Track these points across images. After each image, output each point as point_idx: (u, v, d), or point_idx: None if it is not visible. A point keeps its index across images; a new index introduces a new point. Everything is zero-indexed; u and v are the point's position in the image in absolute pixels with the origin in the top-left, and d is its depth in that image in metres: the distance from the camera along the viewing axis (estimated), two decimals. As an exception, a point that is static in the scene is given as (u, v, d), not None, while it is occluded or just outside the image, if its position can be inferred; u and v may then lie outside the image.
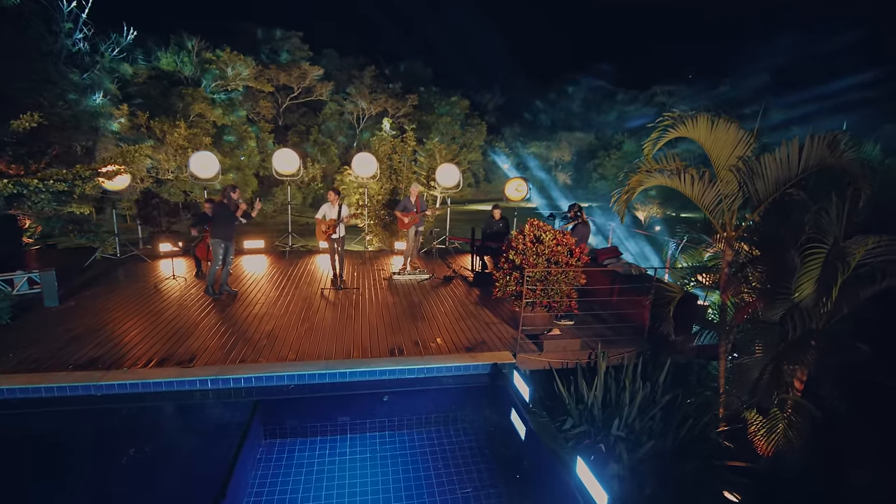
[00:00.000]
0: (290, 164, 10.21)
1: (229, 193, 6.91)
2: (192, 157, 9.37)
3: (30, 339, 5.48)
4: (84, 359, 5.06)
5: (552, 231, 5.80)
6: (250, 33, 30.63)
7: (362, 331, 6.16)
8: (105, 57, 10.79)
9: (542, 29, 66.07)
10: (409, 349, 5.66)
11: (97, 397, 4.61)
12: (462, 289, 8.37)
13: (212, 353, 5.34)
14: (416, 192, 8.78)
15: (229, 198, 6.91)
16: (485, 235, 9.18)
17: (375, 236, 11.61)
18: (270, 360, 5.18)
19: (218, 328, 6.06)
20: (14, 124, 5.54)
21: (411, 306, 7.26)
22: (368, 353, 5.50)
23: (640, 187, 5.31)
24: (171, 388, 4.71)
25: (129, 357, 5.15)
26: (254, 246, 10.71)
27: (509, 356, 5.56)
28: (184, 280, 8.08)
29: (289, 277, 8.64)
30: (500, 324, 6.62)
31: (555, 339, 5.85)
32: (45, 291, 6.46)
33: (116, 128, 11.42)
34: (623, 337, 6.07)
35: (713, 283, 5.99)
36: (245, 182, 23.67)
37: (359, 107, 32.89)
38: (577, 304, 5.96)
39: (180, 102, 20.04)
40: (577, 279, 5.82)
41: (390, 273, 9.07)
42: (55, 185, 5.38)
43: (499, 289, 5.97)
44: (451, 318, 6.79)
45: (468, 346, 5.80)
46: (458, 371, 5.32)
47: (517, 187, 10.41)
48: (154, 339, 5.66)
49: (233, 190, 6.95)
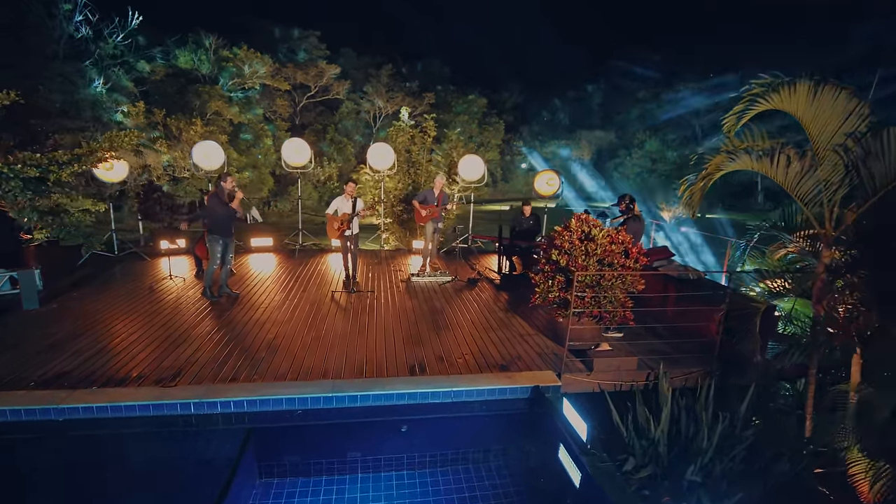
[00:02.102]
0: (301, 155, 9.43)
1: (221, 182, 6.10)
2: (194, 147, 8.66)
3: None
4: (51, 373, 4.29)
5: (604, 227, 4.83)
6: (268, 32, 30.34)
7: (377, 342, 5.28)
8: (109, 43, 10.17)
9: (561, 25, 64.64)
10: (431, 366, 4.76)
11: (58, 423, 3.81)
12: (488, 293, 7.44)
13: (200, 367, 4.52)
14: (441, 184, 7.89)
15: (221, 187, 6.11)
16: (513, 234, 8.24)
17: (392, 234, 10.76)
18: (267, 379, 4.33)
19: (212, 336, 5.25)
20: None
21: (433, 313, 6.36)
22: (384, 371, 4.61)
23: (718, 172, 4.32)
24: (146, 413, 3.89)
25: (102, 372, 4.36)
26: (261, 244, 9.96)
27: (553, 377, 4.62)
28: (182, 280, 7.33)
29: (297, 278, 7.83)
30: (536, 335, 5.67)
31: (606, 356, 4.88)
32: (24, 292, 5.76)
33: (121, 118, 10.85)
34: (686, 355, 5.07)
35: (789, 291, 4.94)
36: (261, 180, 23.28)
37: (375, 105, 32.54)
38: (631, 314, 4.98)
39: (197, 100, 19.75)
40: (634, 285, 4.84)
41: (408, 274, 8.19)
42: (25, 171, 4.67)
43: (539, 295, 5.02)
44: (479, 327, 5.87)
45: (502, 364, 4.87)
46: (491, 395, 4.39)
47: (548, 181, 9.44)
48: (137, 348, 4.88)
49: (223, 179, 6.12)
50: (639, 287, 4.90)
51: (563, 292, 4.91)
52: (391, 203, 10.57)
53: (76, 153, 5.34)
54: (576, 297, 4.45)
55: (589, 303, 4.74)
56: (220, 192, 6.06)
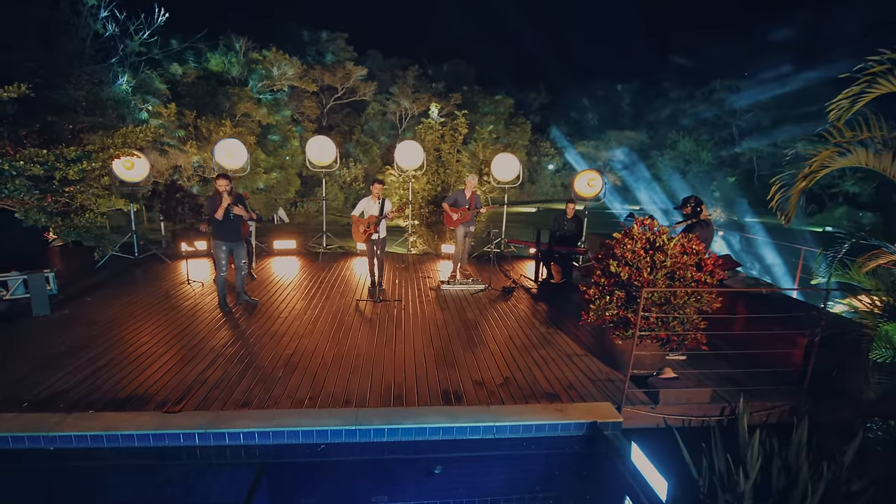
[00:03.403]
0: (325, 154, 8.98)
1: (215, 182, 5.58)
2: (217, 145, 8.30)
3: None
4: (47, 392, 3.87)
5: (673, 235, 4.11)
6: (297, 35, 30.53)
7: (406, 362, 4.69)
8: (135, 40, 9.99)
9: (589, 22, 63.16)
10: (468, 393, 4.14)
11: (48, 453, 3.37)
12: (525, 303, 6.77)
13: (210, 387, 4.03)
14: (472, 185, 7.28)
15: (215, 188, 5.53)
16: (553, 238, 7.55)
17: (419, 237, 10.20)
18: (283, 405, 3.79)
19: (224, 351, 4.77)
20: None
21: (466, 327, 5.74)
22: (414, 397, 4.01)
23: (821, 171, 3.56)
24: (145, 444, 3.41)
25: (104, 391, 3.92)
26: (284, 246, 9.55)
27: (611, 410, 3.93)
28: (200, 285, 6.93)
29: (319, 284, 7.34)
30: (585, 356, 4.98)
31: (672, 385, 4.15)
32: (34, 298, 5.42)
33: (146, 116, 10.69)
34: (766, 386, 4.28)
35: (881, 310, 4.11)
36: (288, 181, 23.31)
37: (401, 106, 32.44)
38: (704, 337, 4.23)
39: (227, 102, 19.95)
40: (710, 303, 4.10)
41: (438, 282, 7.60)
42: (29, 168, 4.31)
43: (593, 312, 4.33)
44: (520, 345, 5.22)
45: (549, 392, 4.21)
46: (540, 431, 3.73)
47: (590, 181, 8.70)
48: (144, 364, 4.43)
49: (217, 178, 5.47)
50: (714, 305, 4.16)
51: (622, 310, 4.21)
52: (418, 204, 10.03)
53: (87, 149, 4.97)
54: (642, 317, 3.74)
55: (655, 323, 4.03)
56: (217, 193, 5.56)
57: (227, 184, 5.45)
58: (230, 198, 5.46)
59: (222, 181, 5.42)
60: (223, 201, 5.40)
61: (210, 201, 5.49)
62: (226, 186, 5.44)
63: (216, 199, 5.44)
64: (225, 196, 5.41)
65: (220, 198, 5.44)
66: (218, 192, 5.46)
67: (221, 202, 5.41)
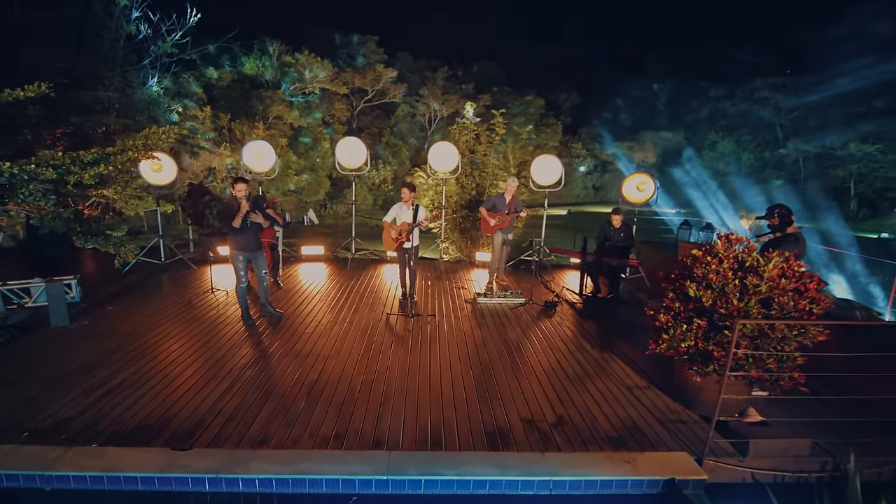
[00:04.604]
0: (356, 157, 8.56)
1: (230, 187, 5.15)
2: (245, 147, 8.00)
3: (1, 380, 4.07)
4: (51, 419, 3.51)
5: (766, 253, 3.40)
6: (328, 38, 30.71)
7: (443, 391, 4.15)
8: (167, 41, 9.88)
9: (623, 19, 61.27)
10: (517, 434, 3.55)
11: (45, 494, 2.98)
12: (571, 321, 6.13)
13: (225, 418, 3.59)
14: (513, 189, 6.70)
15: (231, 193, 5.13)
16: (602, 248, 6.87)
17: (452, 244, 9.66)
18: (305, 444, 3.30)
19: (243, 373, 4.34)
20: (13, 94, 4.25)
21: (508, 348, 5.15)
22: (454, 438, 3.46)
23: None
24: (150, 488, 2.98)
25: (111, 418, 3.54)
26: (312, 252, 9.19)
27: (690, 463, 3.27)
28: (224, 294, 6.60)
29: (348, 295, 6.89)
30: (648, 389, 4.31)
31: (763, 432, 3.45)
32: (52, 307, 5.16)
33: (176, 118, 10.60)
34: (876, 438, 3.52)
35: None
36: (318, 183, 23.34)
37: (431, 108, 32.24)
38: (803, 376, 3.51)
39: (260, 105, 20.15)
40: (815, 336, 3.38)
41: (474, 294, 7.03)
42: (41, 172, 4.01)
43: (665, 343, 3.67)
44: (572, 374, 4.59)
45: (612, 435, 3.58)
46: (606, 488, 3.12)
47: (639, 185, 7.96)
48: (157, 387, 4.04)
49: (234, 182, 5.05)
50: (819, 339, 3.43)
51: (701, 341, 3.54)
52: (451, 208, 9.50)
53: (107, 151, 4.66)
54: (733, 353, 3.07)
55: (746, 359, 3.34)
56: (234, 200, 5.13)
57: (245, 188, 5.04)
58: (248, 203, 5.05)
59: (240, 186, 5.01)
60: (241, 208, 5.00)
61: (226, 207, 5.09)
62: (244, 191, 5.04)
63: (233, 205, 5.04)
64: (243, 202, 5.01)
65: (238, 203, 5.05)
66: (235, 198, 5.06)
67: (239, 208, 5.01)
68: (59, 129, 7.01)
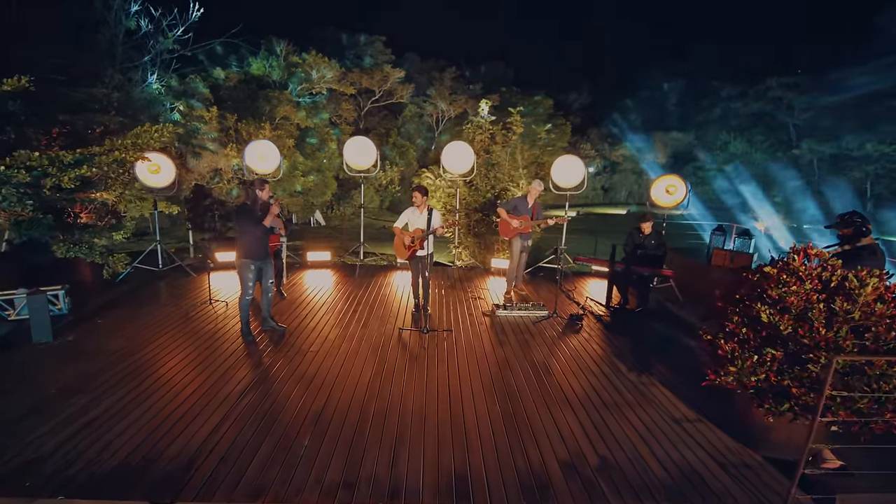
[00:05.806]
0: (364, 157, 8.08)
1: (255, 191, 4.77)
2: (247, 147, 7.54)
3: (-31, 408, 3.62)
4: (18, 460, 3.04)
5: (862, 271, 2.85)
6: (335, 39, 30.42)
7: (467, 425, 3.63)
8: (168, 37, 9.46)
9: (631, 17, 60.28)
10: (556, 482, 3.03)
11: (-1, 558, 2.51)
12: (600, 337, 5.60)
13: (217, 459, 3.10)
14: (537, 192, 6.20)
15: (254, 197, 4.77)
16: (631, 257, 6.34)
17: (465, 249, 9.15)
18: (307, 498, 2.80)
19: (240, 402, 3.86)
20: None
21: (535, 371, 4.63)
22: (483, 490, 2.95)
23: None
24: (123, 553, 2.50)
25: (85, 459, 3.06)
26: (318, 258, 8.72)
27: (768, 523, 2.73)
28: (224, 306, 6.13)
29: (356, 306, 6.40)
30: (700, 423, 3.78)
31: (852, 487, 2.91)
32: (33, 322, 4.71)
33: (178, 117, 10.18)
34: None
35: None
36: (325, 184, 22.97)
37: (438, 108, 31.85)
38: None
39: (267, 105, 19.81)
40: (918, 372, 2.83)
41: (491, 305, 6.52)
42: (14, 175, 3.56)
43: (732, 376, 3.13)
44: (609, 401, 4.07)
45: (666, 483, 3.05)
46: (670, 555, 2.59)
47: (669, 188, 7.41)
48: (142, 419, 3.56)
49: (260, 186, 4.76)
50: (920, 374, 2.88)
51: (774, 375, 3.00)
52: (464, 212, 8.99)
53: (91, 151, 4.21)
54: (826, 396, 2.52)
55: (832, 400, 2.80)
56: (253, 203, 4.73)
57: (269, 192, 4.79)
58: (278, 207, 4.72)
59: (267, 188, 4.81)
60: (271, 210, 4.74)
61: (243, 212, 4.67)
62: (269, 194, 4.81)
63: (254, 210, 4.65)
64: (273, 205, 4.73)
65: (264, 206, 4.78)
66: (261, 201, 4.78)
67: (269, 210, 4.74)
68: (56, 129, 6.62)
